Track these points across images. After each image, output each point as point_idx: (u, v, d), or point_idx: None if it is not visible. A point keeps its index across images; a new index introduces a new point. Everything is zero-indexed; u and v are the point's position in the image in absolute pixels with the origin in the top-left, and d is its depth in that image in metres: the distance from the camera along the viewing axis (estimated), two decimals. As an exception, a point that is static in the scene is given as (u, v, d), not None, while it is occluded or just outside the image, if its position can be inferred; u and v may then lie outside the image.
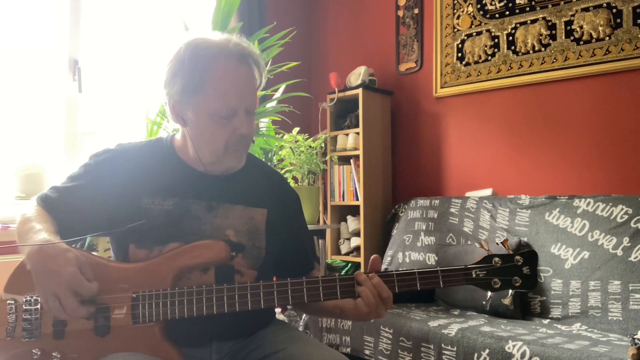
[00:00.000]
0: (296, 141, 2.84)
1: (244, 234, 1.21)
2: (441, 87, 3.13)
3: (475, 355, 1.86)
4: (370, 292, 1.09)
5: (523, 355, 1.75)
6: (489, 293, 1.13)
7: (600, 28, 2.54)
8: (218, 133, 1.16)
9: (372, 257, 1.15)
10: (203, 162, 1.21)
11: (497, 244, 1.15)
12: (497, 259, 1.12)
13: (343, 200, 3.27)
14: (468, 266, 1.13)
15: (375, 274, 1.11)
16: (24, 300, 1.08)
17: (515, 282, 1.11)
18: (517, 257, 1.12)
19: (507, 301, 1.13)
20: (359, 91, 3.15)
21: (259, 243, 1.23)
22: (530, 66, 2.77)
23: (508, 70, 2.85)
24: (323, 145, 3.08)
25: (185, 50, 1.16)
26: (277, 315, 1.38)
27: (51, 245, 1.03)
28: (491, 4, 2.92)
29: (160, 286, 1.10)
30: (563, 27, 2.66)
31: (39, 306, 1.08)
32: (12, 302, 1.09)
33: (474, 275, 1.11)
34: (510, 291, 1.12)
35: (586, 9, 2.58)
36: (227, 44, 1.16)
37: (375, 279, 1.10)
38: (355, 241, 3.20)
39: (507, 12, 2.85)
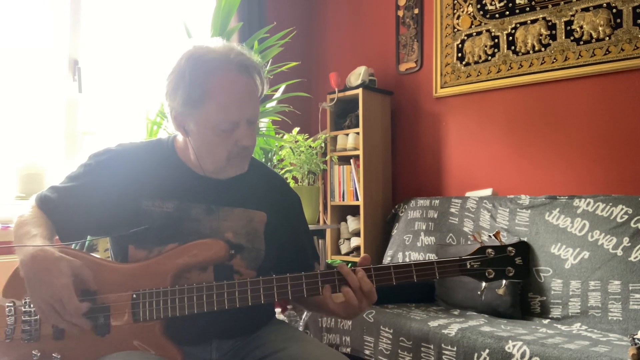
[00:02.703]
0: (296, 141, 2.84)
1: (242, 236, 1.21)
2: (441, 87, 3.13)
3: (475, 355, 1.86)
4: (353, 286, 1.10)
5: (523, 355, 1.75)
6: (484, 283, 1.16)
7: (600, 28, 2.54)
8: (220, 145, 1.16)
9: (362, 256, 1.16)
10: (204, 170, 1.21)
11: (489, 236, 1.18)
12: (490, 250, 1.15)
13: (343, 200, 3.27)
14: (462, 257, 1.15)
15: (362, 268, 1.12)
16: (23, 302, 1.08)
17: (508, 272, 1.15)
18: (510, 248, 1.15)
19: (500, 291, 1.16)
20: (359, 91, 3.15)
21: (258, 245, 1.23)
22: (530, 66, 2.77)
23: (508, 70, 2.85)
24: (323, 145, 3.08)
25: (185, 63, 1.14)
26: (277, 315, 1.38)
27: (44, 254, 1.02)
28: (491, 4, 2.92)
29: (159, 285, 1.10)
30: (563, 27, 2.66)
31: None
32: (11, 304, 1.09)
33: (468, 266, 1.14)
34: (503, 281, 1.16)
35: (586, 9, 2.58)
36: (229, 54, 1.15)
37: (359, 273, 1.11)
38: (355, 241, 3.20)
39: (507, 12, 2.85)
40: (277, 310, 2.71)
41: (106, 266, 1.13)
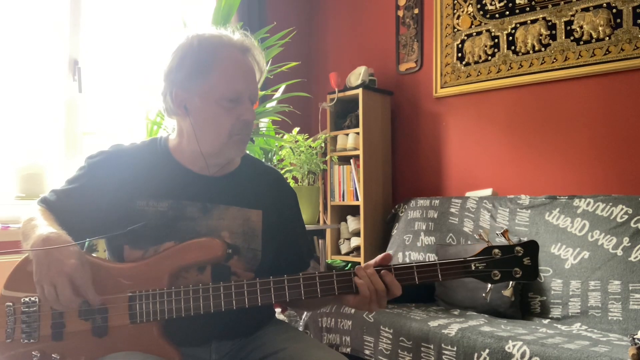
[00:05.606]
0: (296, 141, 2.83)
1: (239, 236, 1.21)
2: (441, 87, 3.13)
3: (475, 355, 1.86)
4: (366, 285, 1.08)
5: (523, 355, 1.75)
6: (489, 285, 1.11)
7: (600, 28, 2.54)
8: (224, 119, 1.16)
9: (385, 253, 1.13)
10: (203, 153, 1.19)
11: (497, 234, 1.14)
12: (496, 250, 1.10)
13: (343, 200, 3.27)
14: (467, 259, 1.10)
15: (374, 267, 1.09)
16: (22, 302, 1.08)
17: (515, 273, 1.09)
18: (518, 248, 1.09)
19: (507, 292, 1.10)
20: (359, 91, 3.15)
21: (254, 245, 1.22)
22: (530, 66, 2.77)
23: (508, 70, 2.85)
24: (323, 145, 3.07)
25: (192, 37, 1.18)
26: (277, 315, 1.38)
27: (57, 236, 1.03)
28: (491, 4, 2.92)
29: (156, 286, 1.09)
30: (563, 27, 2.66)
31: (37, 308, 1.08)
32: (11, 304, 1.09)
33: (473, 268, 1.09)
34: (510, 282, 1.10)
35: (586, 9, 2.58)
36: (232, 36, 1.20)
37: (369, 270, 1.08)
38: (355, 241, 3.20)
39: (507, 12, 2.85)
40: (277, 310, 2.70)
41: (103, 266, 1.12)
